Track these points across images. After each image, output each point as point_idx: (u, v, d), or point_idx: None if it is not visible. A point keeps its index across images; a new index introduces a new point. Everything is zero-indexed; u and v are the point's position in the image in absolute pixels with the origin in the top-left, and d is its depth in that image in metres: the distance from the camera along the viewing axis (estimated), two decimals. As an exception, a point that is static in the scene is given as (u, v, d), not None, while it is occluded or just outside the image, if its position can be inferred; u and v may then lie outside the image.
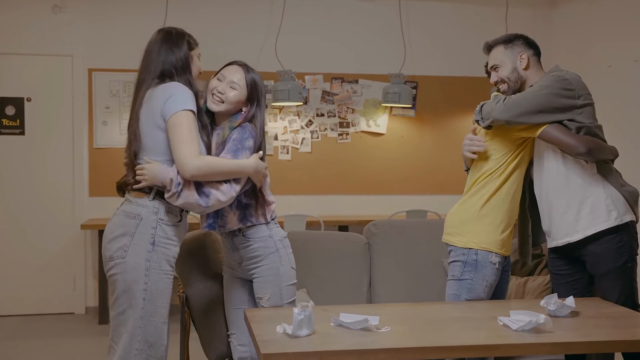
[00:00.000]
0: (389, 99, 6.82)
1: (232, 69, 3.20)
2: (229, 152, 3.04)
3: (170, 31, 3.06)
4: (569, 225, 3.31)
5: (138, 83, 3.02)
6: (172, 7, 6.70)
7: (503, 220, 3.34)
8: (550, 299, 2.99)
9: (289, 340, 2.59)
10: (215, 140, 3.14)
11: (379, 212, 6.95)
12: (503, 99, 3.22)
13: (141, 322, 2.87)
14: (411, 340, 2.68)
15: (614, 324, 2.90)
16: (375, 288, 4.16)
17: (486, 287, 3.31)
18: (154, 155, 2.92)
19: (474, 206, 3.36)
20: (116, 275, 2.89)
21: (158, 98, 2.89)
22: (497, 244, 3.32)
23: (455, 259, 3.36)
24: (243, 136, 3.08)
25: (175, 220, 2.96)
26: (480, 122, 3.31)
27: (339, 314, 2.79)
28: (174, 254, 2.97)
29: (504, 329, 2.77)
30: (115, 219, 2.97)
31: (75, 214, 6.61)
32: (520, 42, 3.40)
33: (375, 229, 4.24)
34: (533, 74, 3.37)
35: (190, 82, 2.99)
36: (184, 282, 3.44)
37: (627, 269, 3.31)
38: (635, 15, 6.12)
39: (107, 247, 2.93)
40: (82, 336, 5.94)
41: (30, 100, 6.62)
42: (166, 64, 2.97)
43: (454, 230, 3.40)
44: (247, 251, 3.20)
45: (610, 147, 3.32)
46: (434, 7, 7.23)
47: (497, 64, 3.40)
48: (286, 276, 3.21)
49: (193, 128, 2.87)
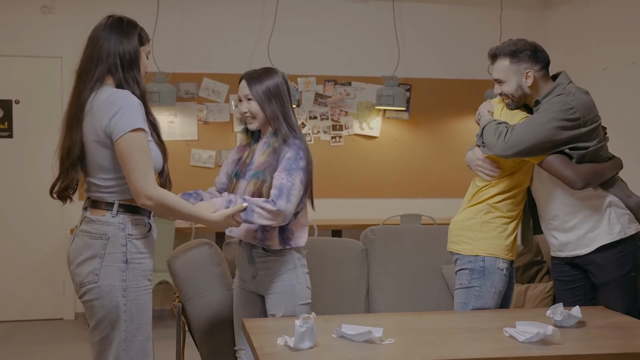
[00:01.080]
0: (382, 101, 6.78)
1: (241, 86, 3.16)
2: (283, 170, 3.01)
3: (121, 19, 2.83)
4: (574, 239, 3.28)
5: (79, 74, 2.76)
6: (163, 9, 6.62)
7: (508, 226, 3.30)
8: (556, 309, 2.94)
9: (291, 353, 2.52)
10: (261, 149, 3.13)
11: (373, 215, 6.90)
12: (505, 134, 3.12)
13: (125, 344, 2.71)
14: (416, 354, 2.62)
15: (621, 335, 2.86)
16: (373, 295, 4.10)
17: (495, 293, 3.27)
18: (103, 173, 2.72)
19: (478, 213, 3.32)
20: (92, 301, 2.70)
21: (102, 113, 2.65)
22: (504, 249, 3.28)
23: (462, 267, 3.31)
24: (297, 156, 3.05)
25: (145, 230, 2.76)
26: (482, 148, 3.25)
27: (341, 325, 2.73)
28: (150, 266, 2.78)
29: (511, 340, 2.72)
30: (78, 241, 2.75)
31: (65, 218, 6.51)
32: (527, 55, 3.24)
33: (373, 235, 4.19)
34: (539, 89, 3.27)
35: (138, 80, 2.76)
36: (183, 296, 3.36)
37: (630, 278, 3.29)
38: (631, 18, 6.11)
39: (76, 272, 2.73)
40: (71, 342, 5.87)
41: (18, 102, 6.52)
42: (112, 56, 2.73)
43: (459, 238, 3.35)
44: (265, 265, 3.13)
45: (611, 166, 3.26)
46: (427, 9, 7.18)
47: (502, 79, 3.29)
48: (301, 295, 3.13)
49: (145, 149, 2.66)
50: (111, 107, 2.65)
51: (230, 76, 6.84)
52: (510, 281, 3.42)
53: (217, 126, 6.85)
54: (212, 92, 6.84)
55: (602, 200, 3.24)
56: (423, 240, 4.16)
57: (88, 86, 2.73)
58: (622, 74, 6.12)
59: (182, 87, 6.77)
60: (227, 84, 6.84)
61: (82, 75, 2.76)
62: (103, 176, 2.72)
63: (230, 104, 6.86)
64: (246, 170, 3.15)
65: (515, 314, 3.18)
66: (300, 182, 3.02)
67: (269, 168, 3.04)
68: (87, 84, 2.73)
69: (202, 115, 6.81)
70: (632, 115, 5.92)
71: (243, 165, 3.18)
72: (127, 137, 2.62)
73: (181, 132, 6.78)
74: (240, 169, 3.18)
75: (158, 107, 6.63)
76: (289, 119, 3.12)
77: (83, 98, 2.72)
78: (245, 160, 3.18)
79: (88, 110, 2.70)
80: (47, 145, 6.45)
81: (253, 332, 2.79)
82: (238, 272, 3.29)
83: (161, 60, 6.47)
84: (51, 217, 6.57)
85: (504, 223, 3.29)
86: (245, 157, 3.20)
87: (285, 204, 2.95)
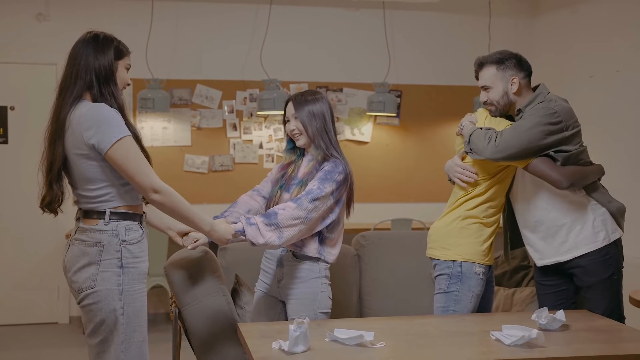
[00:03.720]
0: (373, 107, 6.86)
1: (289, 107, 3.33)
2: (317, 179, 3.19)
3: (98, 35, 2.89)
4: (558, 246, 3.38)
5: (60, 91, 2.86)
6: (157, 17, 6.69)
7: (484, 232, 3.40)
8: (541, 313, 3.03)
9: (285, 356, 2.60)
10: (306, 164, 3.32)
11: (364, 220, 6.96)
12: (494, 138, 3.22)
13: (123, 346, 2.81)
14: (406, 357, 2.71)
15: (605, 338, 2.95)
16: (365, 300, 4.19)
17: (472, 297, 3.36)
18: (90, 184, 2.82)
19: (456, 219, 3.42)
20: (90, 305, 2.81)
21: (82, 128, 2.75)
22: (480, 254, 3.38)
23: (440, 273, 3.42)
24: (335, 169, 3.22)
25: (138, 236, 2.86)
26: (469, 154, 3.35)
27: (334, 329, 2.81)
28: (144, 270, 2.89)
29: (497, 343, 2.80)
30: (74, 250, 2.85)
31: (59, 222, 6.55)
32: (512, 63, 3.39)
33: (365, 241, 4.27)
34: (522, 97, 3.40)
35: (115, 94, 2.84)
36: (180, 302, 3.43)
37: (613, 281, 3.38)
38: (617, 26, 6.19)
39: (73, 279, 2.83)
40: (66, 346, 5.91)
41: (13, 109, 6.58)
42: (89, 72, 2.82)
43: (437, 244, 3.46)
44: (292, 270, 3.26)
45: (594, 170, 3.38)
46: (417, 17, 7.27)
47: (488, 85, 3.41)
48: (323, 303, 3.27)
49: (138, 151, 2.78)
50: (90, 122, 2.74)
51: (224, 83, 6.93)
52: (490, 284, 3.53)
53: (211, 132, 6.93)
54: (205, 99, 6.91)
55: (586, 206, 3.34)
56: (414, 245, 4.23)
57: (68, 102, 2.82)
58: (608, 81, 6.21)
59: (175, 94, 6.85)
60: (220, 90, 6.92)
61: (62, 91, 2.86)
62: (90, 187, 2.82)
63: (223, 110, 6.93)
64: (290, 184, 3.32)
65: (502, 318, 3.27)
66: (331, 193, 3.18)
67: (311, 177, 3.23)
68: (67, 100, 2.82)
69: (196, 121, 6.89)
70: (618, 123, 6.02)
71: (289, 179, 3.35)
72: (116, 146, 2.73)
73: (175, 138, 6.85)
74: (286, 182, 3.35)
75: (152, 113, 6.71)
76: (330, 136, 3.30)
77: (63, 115, 2.81)
78: (291, 175, 3.36)
79: (67, 125, 2.79)
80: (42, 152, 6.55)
81: (248, 336, 2.87)
82: (262, 276, 3.43)
83: (155, 67, 6.54)
84: (46, 223, 6.55)
85: (481, 229, 3.39)
86: (290, 172, 3.37)
87: (308, 204, 3.11)
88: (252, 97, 6.98)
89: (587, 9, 6.57)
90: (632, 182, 5.74)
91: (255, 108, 6.94)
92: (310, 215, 3.12)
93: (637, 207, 5.73)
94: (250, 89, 6.98)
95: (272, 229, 3.06)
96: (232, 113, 6.96)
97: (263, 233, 3.05)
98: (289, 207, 3.09)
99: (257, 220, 3.07)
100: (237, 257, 3.96)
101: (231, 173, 6.94)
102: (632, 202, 5.40)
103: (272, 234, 3.06)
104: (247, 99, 6.99)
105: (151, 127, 6.76)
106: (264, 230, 3.05)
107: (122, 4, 6.74)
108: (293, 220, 3.08)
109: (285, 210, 3.08)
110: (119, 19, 6.62)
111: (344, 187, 3.27)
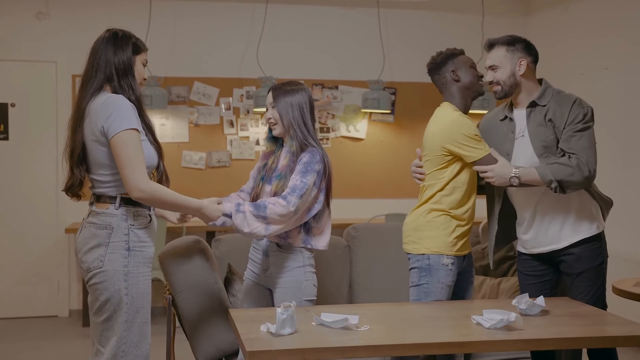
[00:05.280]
0: (368, 104, 6.96)
1: (268, 96, 3.43)
2: (298, 173, 3.27)
3: (117, 32, 3.06)
4: (554, 234, 3.44)
5: (82, 83, 3.04)
6: (155, 15, 6.80)
7: (452, 223, 3.43)
8: (522, 299, 3.12)
9: (272, 338, 2.70)
10: (284, 155, 3.39)
11: (359, 215, 7.07)
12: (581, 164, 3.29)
13: (126, 325, 2.95)
14: (389, 338, 2.81)
15: (583, 322, 3.03)
16: (355, 290, 4.29)
17: (443, 288, 3.41)
18: (102, 169, 2.97)
19: (423, 213, 3.47)
20: (97, 284, 2.95)
21: (98, 115, 2.92)
22: (448, 246, 3.41)
23: (412, 266, 3.48)
24: (313, 159, 3.30)
25: (146, 222, 3.02)
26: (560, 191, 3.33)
27: (320, 313, 2.91)
28: (150, 254, 3.03)
29: (477, 327, 2.90)
30: (85, 232, 3.00)
31: (60, 218, 6.69)
32: (522, 46, 3.45)
33: (355, 233, 4.37)
34: (528, 81, 3.46)
35: (132, 86, 3.01)
36: (173, 289, 3.54)
37: (602, 269, 3.47)
38: (606, 24, 6.29)
39: (83, 259, 2.99)
40: (65, 339, 6.00)
41: (14, 105, 6.68)
42: (109, 66, 2.99)
43: (409, 238, 3.52)
44: (277, 260, 3.36)
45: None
46: (411, 15, 7.37)
47: (497, 65, 3.45)
48: (308, 291, 3.37)
49: (138, 146, 2.91)
50: (106, 109, 2.91)
51: (221, 80, 7.04)
52: (467, 274, 3.57)
53: (208, 129, 7.04)
54: (202, 96, 7.02)
55: (583, 198, 3.41)
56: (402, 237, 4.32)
57: (89, 93, 3.01)
58: (597, 78, 6.31)
59: (173, 91, 6.96)
60: (218, 87, 7.03)
61: (84, 83, 3.04)
62: (102, 172, 2.98)
63: (220, 107, 7.04)
64: (272, 176, 3.41)
65: (484, 304, 3.37)
66: (314, 184, 3.28)
67: (289, 170, 3.31)
68: (88, 91, 3.01)
69: (193, 118, 7.00)
70: (607, 119, 6.11)
71: (269, 170, 3.45)
72: (120, 135, 2.88)
73: (173, 135, 6.96)
74: (267, 173, 3.45)
75: (150, 110, 6.79)
76: (308, 126, 3.38)
77: (83, 104, 3.00)
78: (271, 166, 3.46)
79: (87, 114, 2.97)
80: (42, 147, 6.71)
81: (238, 320, 2.97)
82: (250, 265, 3.52)
83: (153, 65, 6.61)
84: (46, 218, 6.74)
85: (448, 220, 3.42)
86: (270, 163, 3.47)
87: (296, 200, 3.20)
88: (248, 95, 7.09)
89: (578, 7, 6.66)
90: (620, 176, 5.85)
91: (251, 105, 7.05)
92: (298, 211, 3.23)
93: (625, 200, 5.84)
94: (246, 87, 7.09)
95: (259, 221, 3.16)
96: (229, 110, 7.07)
97: (250, 222, 3.15)
98: (279, 204, 3.18)
99: (246, 208, 3.17)
100: (230, 247, 4.06)
101: (228, 169, 7.05)
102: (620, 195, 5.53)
103: (259, 225, 3.16)
104: (244, 96, 7.10)
105: (149, 124, 6.86)
106: (251, 220, 3.15)
107: (121, 2, 6.85)
108: (281, 217, 3.19)
109: (275, 206, 3.18)
110: (118, 18, 6.73)
111: (325, 175, 3.37)
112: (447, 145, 3.38)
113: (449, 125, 3.39)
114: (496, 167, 3.35)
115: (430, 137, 3.49)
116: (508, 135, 3.49)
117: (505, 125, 3.53)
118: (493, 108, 6.79)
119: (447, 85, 3.55)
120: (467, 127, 3.37)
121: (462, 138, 3.35)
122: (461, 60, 3.53)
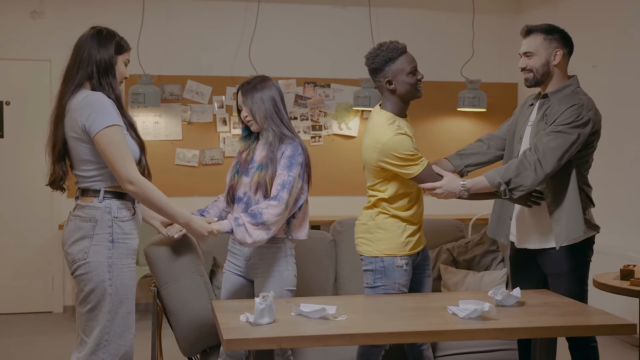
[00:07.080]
0: (359, 102, 7.01)
1: (238, 96, 3.50)
2: (284, 168, 3.36)
3: (102, 30, 3.12)
4: (543, 234, 3.44)
5: (64, 79, 3.09)
6: (148, 14, 6.86)
7: (401, 225, 3.44)
8: (498, 290, 3.19)
9: (250, 327, 2.78)
10: (261, 147, 3.47)
11: (350, 212, 7.06)
12: None
13: (109, 315, 3.02)
14: (365, 327, 2.88)
15: (558, 312, 3.09)
16: (341, 283, 4.36)
17: (399, 288, 3.43)
18: (85, 165, 3.05)
19: (371, 217, 3.50)
20: (82, 275, 3.03)
21: (78, 113, 2.98)
22: (400, 247, 3.43)
23: (366, 268, 3.48)
24: (296, 152, 3.39)
25: (130, 214, 3.09)
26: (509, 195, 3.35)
27: (300, 304, 2.98)
28: (134, 246, 3.10)
29: (452, 317, 2.97)
30: (71, 225, 3.09)
31: (54, 214, 6.76)
32: (560, 36, 3.44)
33: (341, 227, 4.45)
34: (559, 73, 3.45)
35: (112, 85, 3.06)
36: (158, 281, 3.60)
37: (583, 272, 3.49)
38: (594, 22, 6.34)
39: (68, 251, 3.07)
40: (60, 335, 6.06)
41: (9, 104, 6.75)
42: (91, 63, 3.04)
43: (360, 240, 3.54)
44: (259, 251, 3.44)
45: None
46: (402, 14, 7.42)
47: (532, 52, 3.45)
48: (289, 281, 3.45)
49: (122, 141, 2.98)
50: (86, 108, 2.99)
51: (214, 78, 7.10)
52: (423, 269, 3.57)
53: (201, 126, 7.10)
54: (196, 94, 7.09)
55: (577, 200, 3.38)
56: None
57: (69, 90, 3.07)
58: (585, 76, 6.33)
59: (167, 89, 7.02)
60: (211, 86, 7.08)
61: (66, 79, 3.11)
62: (85, 167, 3.06)
63: (213, 105, 7.10)
64: (248, 168, 3.48)
65: (461, 295, 3.44)
66: (299, 176, 3.37)
67: (270, 160, 3.38)
68: (69, 87, 3.08)
69: (187, 116, 7.06)
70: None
71: (244, 163, 3.51)
72: (104, 132, 2.96)
73: (166, 132, 7.03)
74: (242, 166, 3.51)
75: (144, 108, 6.88)
76: (282, 118, 3.46)
77: (64, 100, 3.07)
78: (246, 158, 3.52)
79: (67, 110, 3.04)
80: (37, 145, 6.68)
81: (219, 311, 3.05)
82: (230, 257, 3.59)
83: (146, 63, 6.71)
84: (41, 214, 6.80)
85: (397, 222, 3.43)
86: (245, 156, 3.53)
87: (288, 196, 3.30)
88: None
89: (567, 5, 6.71)
90: (607, 174, 5.91)
91: (244, 103, 7.10)
92: (289, 204, 3.32)
93: (611, 198, 5.91)
94: (239, 85, 7.13)
95: (260, 228, 3.25)
96: (222, 108, 7.13)
97: (251, 232, 3.24)
98: (272, 206, 3.27)
99: (244, 221, 3.25)
100: (214, 241, 4.12)
101: (221, 166, 7.11)
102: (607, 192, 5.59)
103: (261, 232, 3.26)
104: (237, 94, 7.14)
105: (143, 122, 6.92)
106: (251, 230, 3.24)
107: (115, 1, 6.91)
108: (278, 216, 3.28)
109: (269, 209, 3.26)
110: (111, 16, 6.77)
111: (306, 166, 3.45)
112: (382, 165, 3.38)
113: (382, 147, 3.34)
114: (444, 183, 3.38)
115: (366, 150, 3.46)
116: (526, 121, 3.55)
117: (527, 111, 3.58)
118: (483, 106, 6.93)
119: (382, 91, 3.48)
120: (400, 146, 3.34)
121: (396, 159, 3.34)
122: (399, 66, 3.42)
